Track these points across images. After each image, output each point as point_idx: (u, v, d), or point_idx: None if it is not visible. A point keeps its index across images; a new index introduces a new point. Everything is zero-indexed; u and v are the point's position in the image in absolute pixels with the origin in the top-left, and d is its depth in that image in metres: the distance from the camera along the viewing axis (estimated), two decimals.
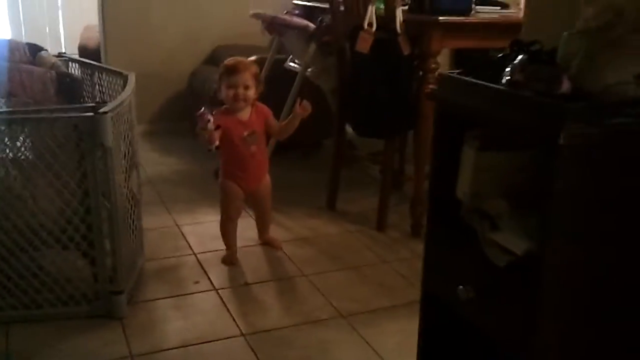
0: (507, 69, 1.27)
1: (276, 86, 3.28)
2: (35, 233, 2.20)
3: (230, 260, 2.71)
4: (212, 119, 2.39)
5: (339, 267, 2.71)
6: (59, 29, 6.57)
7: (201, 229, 3.05)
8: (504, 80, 1.26)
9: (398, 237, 3.00)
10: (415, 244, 2.88)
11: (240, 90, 2.52)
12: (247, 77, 2.52)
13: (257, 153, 2.63)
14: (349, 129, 3.35)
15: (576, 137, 1.09)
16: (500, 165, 1.38)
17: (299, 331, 2.23)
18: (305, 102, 2.58)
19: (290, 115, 2.65)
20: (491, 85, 1.26)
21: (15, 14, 6.37)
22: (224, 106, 2.60)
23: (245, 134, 2.57)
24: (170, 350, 2.12)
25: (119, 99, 2.31)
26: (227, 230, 2.74)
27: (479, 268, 1.36)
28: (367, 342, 2.15)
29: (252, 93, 2.56)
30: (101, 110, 2.11)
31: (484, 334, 1.37)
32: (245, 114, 2.60)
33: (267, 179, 2.74)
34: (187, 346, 2.13)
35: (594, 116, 1.11)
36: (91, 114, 2.10)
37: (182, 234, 3.00)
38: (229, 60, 2.60)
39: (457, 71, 1.40)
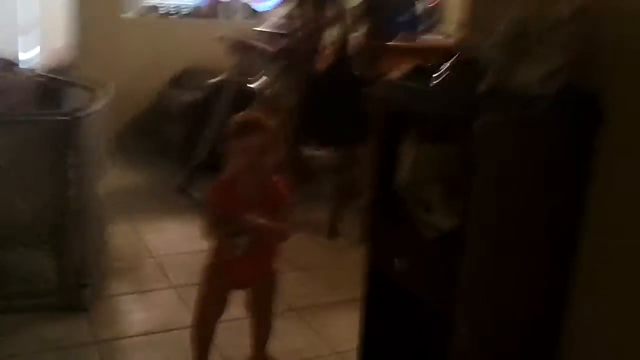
0: (437, 73, 1.51)
1: (239, 106, 3.50)
2: (8, 230, 2.35)
3: None
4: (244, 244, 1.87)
5: (292, 268, 2.89)
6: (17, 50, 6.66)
7: (161, 236, 3.22)
8: (433, 82, 1.51)
9: (347, 243, 3.22)
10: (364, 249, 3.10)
11: (253, 157, 1.83)
12: (264, 140, 1.84)
13: (253, 249, 1.91)
14: (305, 147, 3.59)
15: (488, 124, 1.33)
16: (435, 157, 1.62)
17: None
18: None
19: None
20: (419, 86, 1.51)
21: None
22: (227, 174, 1.93)
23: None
24: (133, 338, 2.28)
25: (93, 107, 2.49)
26: (199, 337, 2.03)
27: (412, 243, 1.58)
28: (314, 330, 2.37)
29: (268, 159, 1.86)
30: (76, 114, 2.28)
31: (416, 299, 1.59)
32: (252, 191, 1.89)
33: (273, 274, 2.07)
34: (149, 334, 2.30)
35: (503, 109, 1.36)
36: (67, 117, 2.28)
37: (143, 240, 3.16)
38: (240, 117, 1.94)
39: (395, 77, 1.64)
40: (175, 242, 2.95)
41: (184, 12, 5.09)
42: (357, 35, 3.16)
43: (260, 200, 1.89)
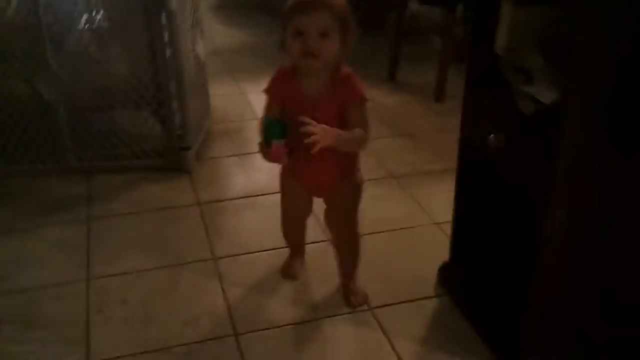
0: None
1: None
2: (111, 93, 2.41)
3: (289, 270, 1.93)
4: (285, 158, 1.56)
5: (395, 133, 2.82)
6: None
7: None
8: None
9: (455, 107, 3.05)
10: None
11: (313, 40, 1.49)
12: (326, 19, 1.48)
13: (317, 157, 1.52)
14: (412, 3, 3.37)
15: None
16: (536, 20, 1.43)
17: None
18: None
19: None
20: None
21: None
22: (289, 65, 1.63)
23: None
24: (233, 200, 2.33)
25: None
26: (287, 232, 1.90)
27: (509, 118, 1.45)
28: (413, 199, 2.30)
29: (333, 46, 1.51)
30: None
31: (510, 179, 1.48)
32: (316, 84, 1.57)
33: (345, 186, 1.69)
34: (249, 197, 2.34)
35: None
36: None
37: (248, 101, 3.16)
38: None
39: None
40: None
41: None
42: None
43: (326, 97, 1.56)
